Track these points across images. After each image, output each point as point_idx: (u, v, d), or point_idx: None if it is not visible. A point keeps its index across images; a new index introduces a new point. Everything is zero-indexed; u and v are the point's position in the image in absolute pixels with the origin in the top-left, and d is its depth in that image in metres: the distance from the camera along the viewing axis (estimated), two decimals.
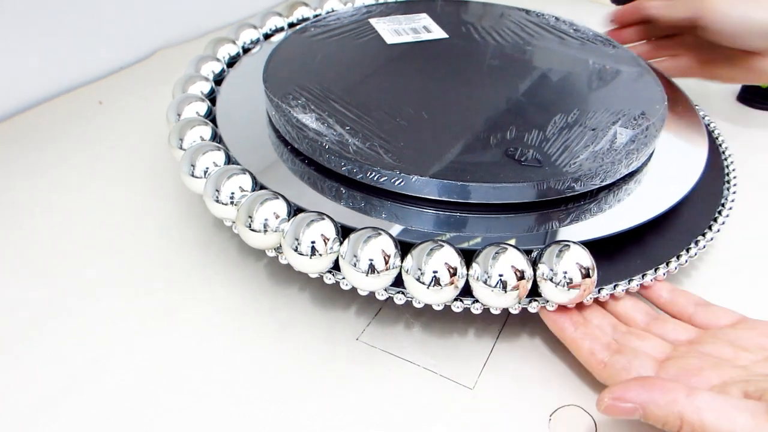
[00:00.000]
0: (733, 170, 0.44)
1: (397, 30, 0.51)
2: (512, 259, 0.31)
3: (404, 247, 0.32)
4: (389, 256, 0.31)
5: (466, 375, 0.32)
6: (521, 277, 0.31)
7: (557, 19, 0.54)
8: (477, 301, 0.32)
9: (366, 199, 0.36)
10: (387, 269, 0.31)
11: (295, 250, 0.32)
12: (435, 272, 0.30)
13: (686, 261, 0.36)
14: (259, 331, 0.34)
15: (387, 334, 0.35)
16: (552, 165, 0.36)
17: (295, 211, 0.34)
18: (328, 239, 0.32)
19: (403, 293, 0.33)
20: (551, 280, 0.31)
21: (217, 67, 0.48)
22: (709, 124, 0.48)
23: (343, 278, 0.33)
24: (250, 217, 0.34)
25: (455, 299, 0.32)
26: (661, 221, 0.37)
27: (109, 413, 0.30)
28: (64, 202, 0.42)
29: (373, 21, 0.52)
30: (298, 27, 0.50)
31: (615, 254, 0.36)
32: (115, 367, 0.32)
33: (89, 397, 0.31)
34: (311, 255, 0.32)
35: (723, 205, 0.40)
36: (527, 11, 0.55)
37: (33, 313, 0.35)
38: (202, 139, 0.40)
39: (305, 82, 0.42)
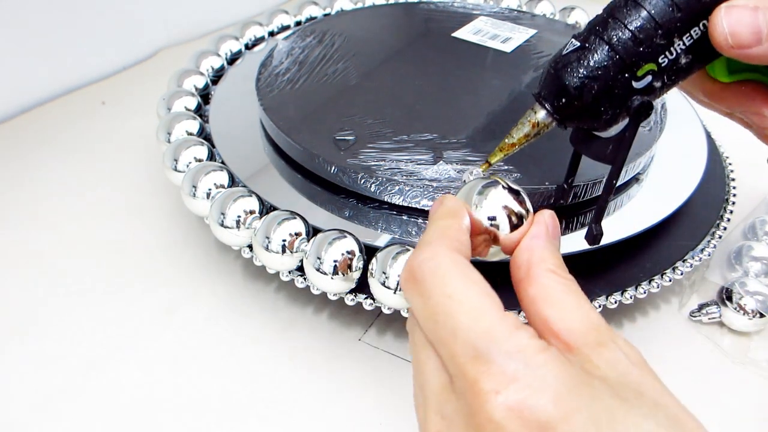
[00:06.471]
0: (732, 179, 0.41)
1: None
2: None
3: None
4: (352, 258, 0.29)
5: None
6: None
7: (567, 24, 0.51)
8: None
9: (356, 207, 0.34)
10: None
11: (266, 248, 0.30)
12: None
13: (691, 266, 0.35)
14: (262, 331, 0.34)
15: (389, 335, 0.34)
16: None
17: (268, 209, 0.32)
18: (297, 237, 0.30)
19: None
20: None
21: (217, 63, 0.45)
22: (709, 133, 0.44)
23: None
24: (223, 214, 0.31)
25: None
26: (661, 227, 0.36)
27: (108, 412, 0.30)
28: (66, 202, 0.42)
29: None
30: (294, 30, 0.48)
31: (611, 261, 0.34)
32: (113, 367, 0.32)
33: (88, 397, 0.30)
34: (282, 253, 0.30)
35: (725, 209, 0.38)
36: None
37: (31, 311, 0.34)
38: (188, 134, 0.38)
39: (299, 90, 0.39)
